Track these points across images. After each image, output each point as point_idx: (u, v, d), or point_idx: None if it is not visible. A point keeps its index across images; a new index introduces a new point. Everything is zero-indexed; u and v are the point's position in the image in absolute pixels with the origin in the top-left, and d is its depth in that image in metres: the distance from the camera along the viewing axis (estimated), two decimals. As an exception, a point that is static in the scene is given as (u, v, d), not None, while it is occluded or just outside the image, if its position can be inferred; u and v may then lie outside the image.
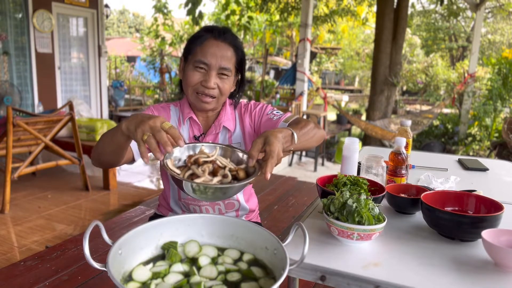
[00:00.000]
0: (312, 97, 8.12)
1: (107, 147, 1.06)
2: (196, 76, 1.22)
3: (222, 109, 1.35)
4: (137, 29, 28.73)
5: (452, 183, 1.49)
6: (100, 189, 3.90)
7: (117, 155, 1.08)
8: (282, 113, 1.31)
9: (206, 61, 1.20)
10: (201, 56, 1.21)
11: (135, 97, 11.65)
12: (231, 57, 1.23)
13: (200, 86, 1.22)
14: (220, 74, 1.23)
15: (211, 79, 1.21)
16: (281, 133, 1.01)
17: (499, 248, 0.83)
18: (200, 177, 0.88)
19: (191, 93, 1.25)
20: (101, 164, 1.17)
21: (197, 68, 1.22)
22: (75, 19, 6.67)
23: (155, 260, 0.87)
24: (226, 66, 1.22)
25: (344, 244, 0.97)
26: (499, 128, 6.72)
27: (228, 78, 1.25)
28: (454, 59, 17.68)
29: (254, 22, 11.04)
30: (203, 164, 0.92)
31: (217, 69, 1.21)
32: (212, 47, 1.21)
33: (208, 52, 1.21)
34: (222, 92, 1.25)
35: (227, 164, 0.96)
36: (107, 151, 1.07)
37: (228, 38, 1.24)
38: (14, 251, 2.59)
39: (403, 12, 6.88)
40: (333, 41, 18.10)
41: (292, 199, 3.64)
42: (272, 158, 0.93)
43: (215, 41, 1.22)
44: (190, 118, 1.32)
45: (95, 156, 1.14)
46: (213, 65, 1.21)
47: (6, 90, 5.04)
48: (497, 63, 6.79)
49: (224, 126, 1.32)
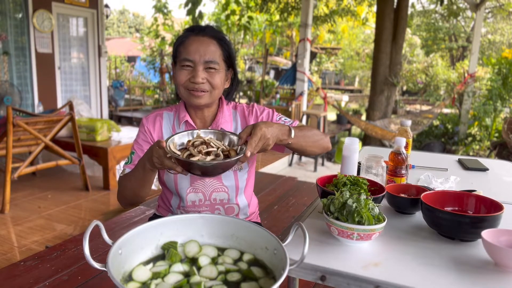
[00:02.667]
0: (312, 97, 8.11)
1: (137, 186, 1.24)
2: (183, 74, 1.23)
3: (219, 111, 1.34)
4: (137, 29, 28.73)
5: (452, 183, 1.49)
6: (100, 189, 3.90)
7: (147, 188, 1.26)
8: (291, 120, 1.33)
9: (190, 57, 1.22)
10: (185, 54, 1.22)
11: (135, 97, 11.65)
12: (215, 50, 1.24)
13: (189, 83, 1.23)
14: (208, 69, 1.23)
15: (198, 73, 1.21)
16: (276, 123, 1.11)
17: (499, 248, 0.83)
18: (196, 157, 1.01)
19: (183, 91, 1.26)
20: (130, 203, 1.32)
21: (183, 67, 1.23)
22: (75, 19, 6.67)
23: (155, 260, 0.87)
24: (211, 59, 1.22)
25: (344, 244, 0.97)
26: (499, 128, 6.72)
27: (217, 72, 1.24)
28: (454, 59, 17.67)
29: (254, 22, 11.04)
30: (199, 146, 1.06)
31: (203, 63, 1.22)
32: (194, 43, 1.23)
33: (191, 48, 1.22)
34: (213, 85, 1.24)
35: (220, 145, 1.08)
36: (138, 189, 1.25)
37: (208, 33, 1.25)
38: (14, 251, 2.59)
39: (403, 12, 6.88)
40: (333, 41, 18.09)
41: (292, 199, 3.63)
42: (255, 136, 1.03)
43: (195, 37, 1.24)
44: (185, 122, 1.32)
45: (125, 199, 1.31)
46: (197, 60, 1.22)
47: (6, 90, 5.04)
48: (497, 63, 6.79)
49: (222, 128, 1.31)
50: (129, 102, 10.41)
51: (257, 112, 1.36)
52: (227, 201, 1.34)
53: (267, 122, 1.08)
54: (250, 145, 1.02)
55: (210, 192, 1.32)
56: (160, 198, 1.49)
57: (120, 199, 1.31)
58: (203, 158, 1.01)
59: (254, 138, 1.03)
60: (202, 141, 1.07)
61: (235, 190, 1.33)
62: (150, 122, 1.34)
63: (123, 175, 1.29)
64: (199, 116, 1.33)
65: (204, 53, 1.21)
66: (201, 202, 1.32)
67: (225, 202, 1.34)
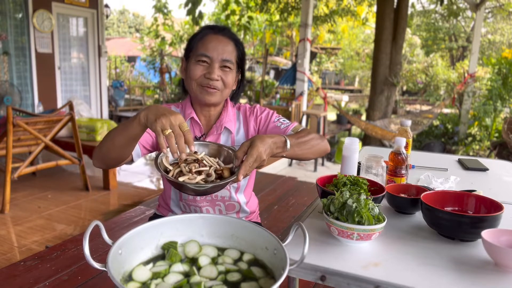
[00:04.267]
0: (312, 97, 8.11)
1: (118, 140, 1.05)
2: (199, 69, 1.23)
3: (224, 110, 1.35)
4: (137, 29, 28.72)
5: (452, 183, 1.49)
6: (100, 189, 3.90)
7: (127, 148, 1.08)
8: (289, 122, 1.32)
9: (208, 54, 1.22)
10: (203, 49, 1.23)
11: (135, 97, 11.66)
12: (232, 51, 1.26)
13: (204, 78, 1.24)
14: (223, 67, 1.24)
15: (215, 70, 1.22)
16: (271, 138, 1.06)
17: (499, 248, 0.83)
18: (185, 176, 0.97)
19: (195, 87, 1.25)
20: (105, 162, 1.14)
21: (199, 62, 1.23)
22: (75, 19, 6.67)
23: (155, 260, 0.87)
24: (228, 58, 1.24)
25: (344, 244, 0.97)
26: (499, 128, 6.72)
27: (230, 71, 1.26)
28: (454, 59, 17.67)
29: (254, 22, 11.04)
30: (191, 163, 1.01)
31: (220, 61, 1.23)
32: (213, 41, 1.24)
33: (210, 45, 1.23)
34: (225, 84, 1.26)
35: (213, 164, 1.04)
36: (117, 144, 1.06)
37: (227, 33, 1.27)
38: (14, 251, 2.59)
39: (403, 12, 6.88)
40: (333, 41, 18.08)
41: (292, 199, 3.63)
42: (248, 159, 1.00)
43: (215, 36, 1.25)
44: (191, 118, 1.32)
45: (100, 154, 1.12)
46: (215, 57, 1.23)
47: (6, 90, 5.04)
48: (497, 63, 6.78)
49: (226, 127, 1.32)
50: (129, 102, 10.42)
51: (257, 112, 1.37)
52: (228, 198, 1.35)
53: (263, 138, 1.04)
54: (245, 167, 0.99)
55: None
56: (160, 198, 1.49)
57: (97, 156, 1.14)
58: (193, 177, 0.97)
59: (250, 160, 1.00)
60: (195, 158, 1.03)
61: (236, 188, 1.35)
62: None
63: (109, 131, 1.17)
64: (204, 114, 1.34)
65: (222, 51, 1.23)
66: (202, 198, 1.33)
67: (226, 199, 1.35)
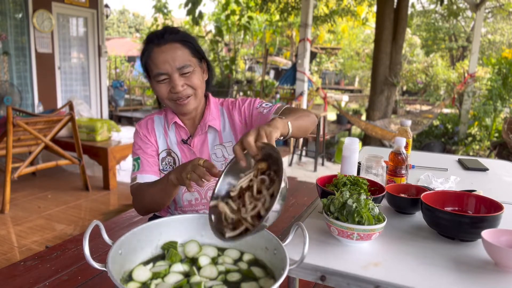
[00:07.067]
0: (312, 97, 8.11)
1: (162, 200, 1.19)
2: (163, 88, 1.22)
3: (206, 109, 1.33)
4: (137, 29, 28.72)
5: (452, 183, 1.49)
6: (100, 189, 3.90)
7: (167, 201, 1.20)
8: (271, 105, 1.29)
9: (162, 71, 1.20)
10: (156, 69, 1.20)
11: (135, 97, 11.65)
12: (182, 53, 1.21)
13: (171, 94, 1.23)
14: (182, 74, 1.21)
15: (177, 82, 1.20)
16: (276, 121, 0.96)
17: (499, 248, 0.83)
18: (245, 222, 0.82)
19: (169, 103, 1.26)
20: (148, 212, 1.29)
21: (160, 82, 1.22)
22: (75, 19, 6.67)
23: (155, 260, 0.87)
24: (182, 64, 1.20)
25: (344, 244, 0.97)
26: (499, 128, 6.71)
27: (193, 72, 1.23)
28: (454, 59, 17.66)
29: (254, 22, 11.03)
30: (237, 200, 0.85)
31: (176, 71, 1.20)
32: (159, 55, 1.19)
33: (159, 61, 1.19)
34: (194, 87, 1.24)
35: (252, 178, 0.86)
36: (161, 202, 1.19)
37: (169, 38, 1.20)
38: (14, 251, 2.59)
39: (403, 12, 6.88)
40: (333, 41, 18.09)
41: (292, 199, 3.63)
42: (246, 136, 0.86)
43: (159, 48, 1.20)
44: (175, 123, 1.32)
45: (145, 210, 1.27)
46: (170, 70, 1.19)
47: (6, 90, 5.04)
48: (497, 63, 6.78)
49: (210, 125, 1.31)
50: (129, 102, 10.41)
51: (239, 104, 1.35)
52: None
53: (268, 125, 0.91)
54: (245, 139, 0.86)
55: (206, 191, 1.32)
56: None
57: (138, 209, 1.28)
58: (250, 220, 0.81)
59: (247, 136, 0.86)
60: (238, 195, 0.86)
61: None
62: (143, 127, 1.35)
63: (137, 185, 1.26)
64: (187, 117, 1.33)
65: (173, 61, 1.19)
66: (197, 201, 1.33)
67: None
